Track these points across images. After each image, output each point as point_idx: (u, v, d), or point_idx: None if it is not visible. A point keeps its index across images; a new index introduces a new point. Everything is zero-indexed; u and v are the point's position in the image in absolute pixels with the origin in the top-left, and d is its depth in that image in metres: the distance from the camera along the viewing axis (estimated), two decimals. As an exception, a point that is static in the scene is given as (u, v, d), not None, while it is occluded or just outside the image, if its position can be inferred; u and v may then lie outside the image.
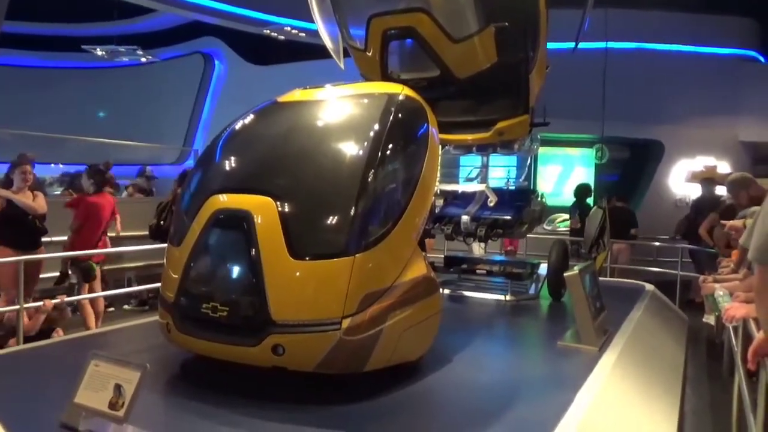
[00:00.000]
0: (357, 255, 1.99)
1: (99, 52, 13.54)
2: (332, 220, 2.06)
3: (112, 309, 6.29)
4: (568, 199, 10.30)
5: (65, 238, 5.70)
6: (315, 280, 1.99)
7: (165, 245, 2.38)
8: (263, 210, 2.07)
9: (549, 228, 9.87)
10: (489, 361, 2.73)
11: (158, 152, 14.20)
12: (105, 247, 5.60)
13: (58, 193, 7.74)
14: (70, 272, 5.37)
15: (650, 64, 10.29)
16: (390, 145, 2.23)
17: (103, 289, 5.60)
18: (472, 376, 2.42)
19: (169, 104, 15.37)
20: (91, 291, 5.33)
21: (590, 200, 7.91)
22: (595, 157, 10.95)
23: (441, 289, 3.94)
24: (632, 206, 9.14)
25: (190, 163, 12.61)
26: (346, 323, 1.95)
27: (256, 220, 2.05)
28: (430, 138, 2.43)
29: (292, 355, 1.96)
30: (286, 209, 2.07)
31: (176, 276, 2.17)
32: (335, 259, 1.98)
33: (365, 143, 2.22)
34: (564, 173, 11.59)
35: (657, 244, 8.65)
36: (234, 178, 2.30)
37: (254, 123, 2.57)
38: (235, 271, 2.09)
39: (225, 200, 2.18)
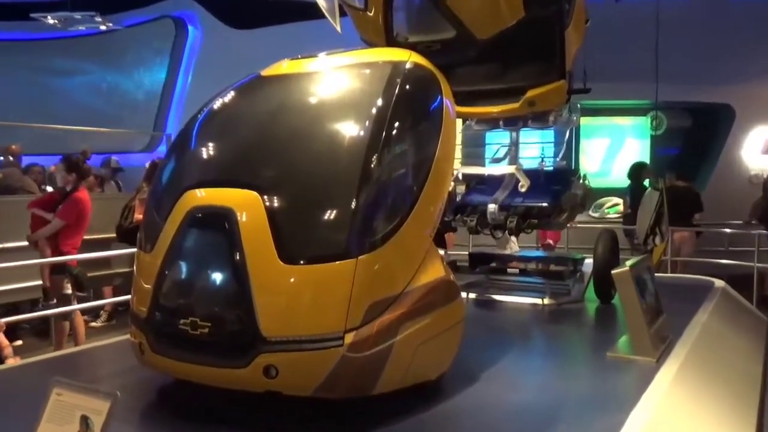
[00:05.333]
0: (360, 256, 2.01)
1: (51, 21, 13.64)
2: (330, 215, 2.07)
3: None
4: (618, 179, 10.26)
5: (19, 244, 5.83)
6: (311, 287, 2.01)
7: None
8: (248, 206, 2.09)
9: (596, 215, 9.86)
10: (523, 378, 2.75)
11: (125, 139, 14.31)
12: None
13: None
14: (66, 282, 5.55)
15: (714, 12, 10.14)
16: (396, 123, 2.24)
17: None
18: (503, 397, 2.43)
19: (136, 80, 15.46)
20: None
21: (647, 181, 7.87)
22: (650, 127, 10.86)
23: (464, 294, 4.02)
24: (697, 185, 9.06)
25: (162, 150, 12.70)
26: (349, 338, 1.97)
27: (239, 218, 2.07)
28: (445, 112, 2.43)
29: (287, 377, 1.98)
30: (275, 204, 2.09)
31: (148, 287, 2.20)
32: (335, 263, 2.00)
33: (367, 122, 2.23)
34: (612, 148, 11.53)
35: (728, 230, 8.59)
36: (212, 170, 2.32)
37: (235, 102, 2.58)
38: (217, 279, 2.11)
39: (202, 196, 2.21)
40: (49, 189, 8.16)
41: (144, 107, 15.20)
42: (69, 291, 5.59)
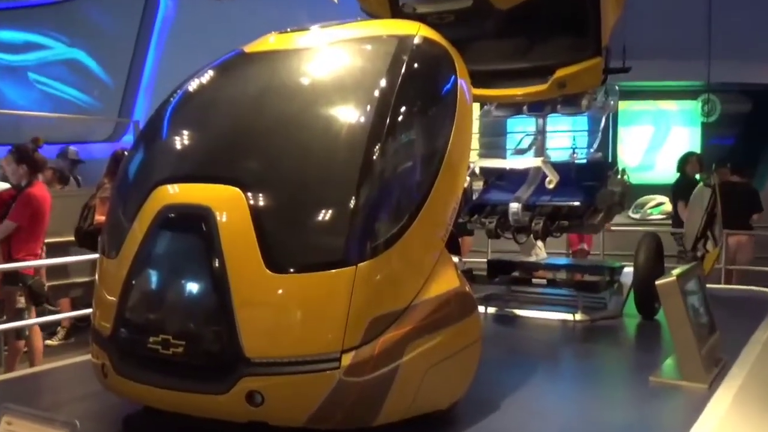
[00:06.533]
0: (360, 264, 2.01)
1: (-1, -11, 13.70)
2: (324, 216, 2.08)
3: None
4: (662, 174, 10.25)
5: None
6: (303, 300, 2.02)
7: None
8: (229, 205, 2.10)
9: (637, 216, 9.86)
10: (551, 407, 2.75)
11: (85, 126, 14.35)
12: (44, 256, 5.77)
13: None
14: (19, 294, 5.54)
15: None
16: (402, 108, 2.25)
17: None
18: (527, 428, 2.44)
19: (98, 57, 15.49)
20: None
21: (698, 176, 7.86)
22: (701, 113, 10.84)
23: (482, 308, 4.02)
24: (755, 181, 9.05)
25: (128, 139, 12.74)
26: (347, 359, 1.98)
27: (218, 218, 2.08)
28: (460, 95, 2.45)
29: (274, 405, 1.99)
30: (261, 203, 2.09)
31: (112, 299, 2.21)
32: (330, 271, 2.01)
33: (368, 107, 2.24)
34: (657, 137, 11.52)
35: (792, 234, 8.55)
36: (187, 162, 2.33)
37: (214, 83, 2.60)
38: (193, 290, 2.13)
39: (176, 193, 2.22)
40: None
41: (108, 89, 15.24)
42: (22, 305, 5.58)
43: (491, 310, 4.15)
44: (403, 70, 2.33)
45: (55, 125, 13.10)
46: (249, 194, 2.10)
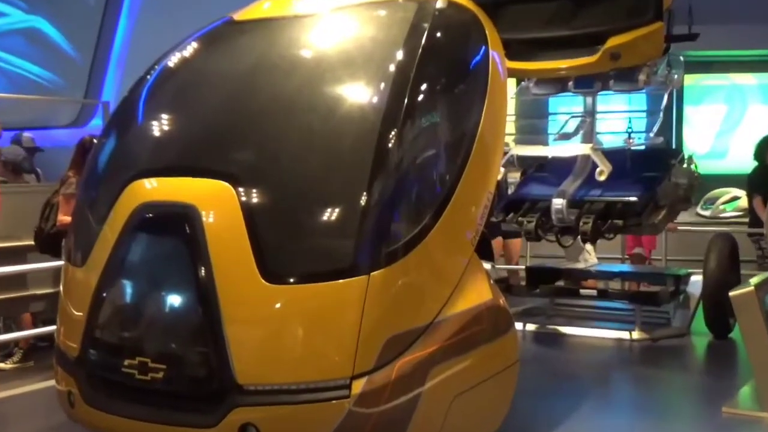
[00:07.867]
0: (374, 272, 2.02)
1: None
2: (331, 215, 2.09)
3: None
4: (738, 162, 10.17)
5: None
6: (305, 316, 2.02)
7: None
8: (217, 202, 2.11)
9: (707, 213, 9.77)
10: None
11: (45, 108, 14.45)
12: None
13: None
14: None
15: None
16: (423, 86, 2.26)
17: None
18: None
19: (61, 28, 15.62)
20: None
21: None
22: (784, 89, 10.74)
23: (520, 325, 4.01)
24: None
25: (97, 124, 12.82)
26: (358, 386, 1.98)
27: (205, 219, 2.09)
28: (492, 70, 2.45)
29: (273, 440, 2.00)
30: (255, 201, 2.11)
31: (80, 315, 2.23)
32: (338, 281, 2.01)
33: (382, 84, 2.24)
34: (730, 118, 11.40)
35: None
36: (168, 152, 2.35)
37: (198, 58, 2.62)
38: (175, 305, 2.14)
39: (154, 188, 2.24)
40: None
41: (73, 64, 15.35)
42: None
43: (531, 327, 4.15)
44: (423, 41, 2.34)
45: (10, 107, 13.19)
46: (240, 190, 2.11)
